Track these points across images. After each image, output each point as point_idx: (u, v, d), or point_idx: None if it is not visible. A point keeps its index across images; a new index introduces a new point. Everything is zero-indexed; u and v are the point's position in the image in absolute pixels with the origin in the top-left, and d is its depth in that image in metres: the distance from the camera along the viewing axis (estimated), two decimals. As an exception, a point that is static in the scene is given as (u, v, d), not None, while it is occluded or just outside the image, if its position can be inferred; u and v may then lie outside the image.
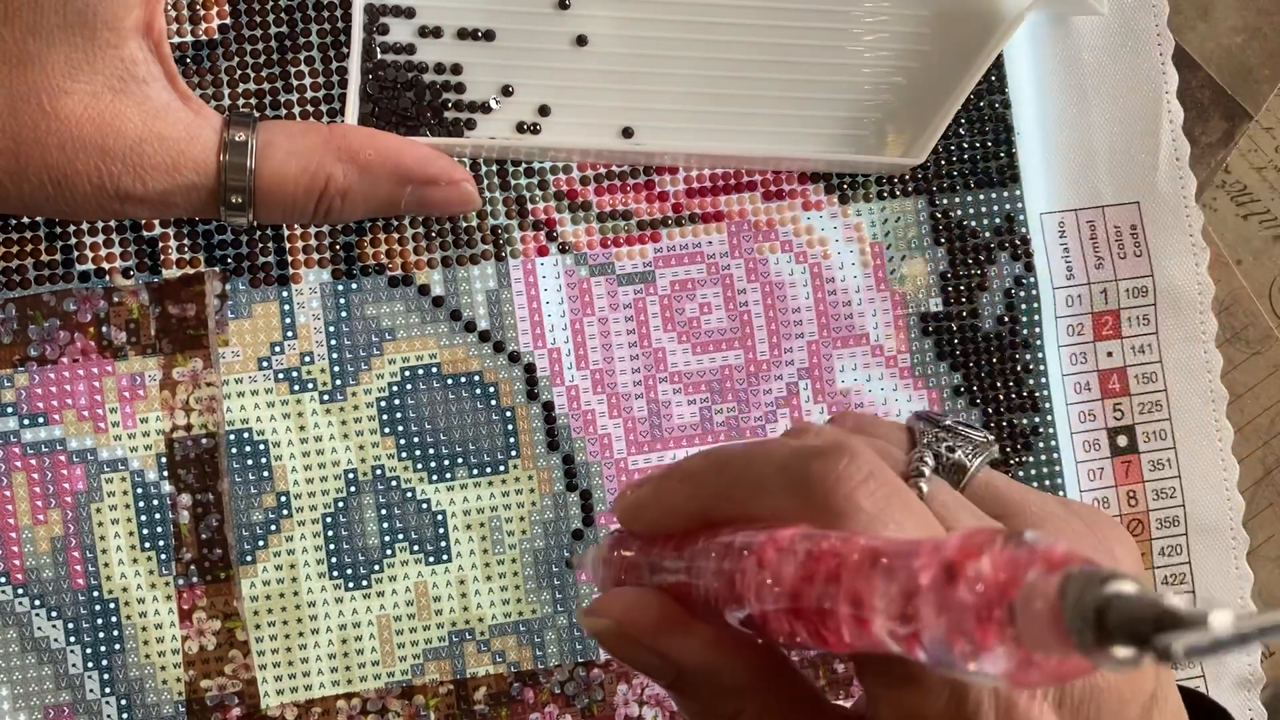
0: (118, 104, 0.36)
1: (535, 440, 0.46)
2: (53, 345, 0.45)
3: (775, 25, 0.45)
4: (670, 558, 0.30)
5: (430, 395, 0.46)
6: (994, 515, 0.31)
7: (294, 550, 0.45)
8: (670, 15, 0.44)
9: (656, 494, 0.30)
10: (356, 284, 0.46)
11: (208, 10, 0.45)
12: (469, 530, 0.46)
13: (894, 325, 0.48)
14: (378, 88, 0.43)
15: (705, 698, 0.29)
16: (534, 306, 0.46)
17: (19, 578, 0.44)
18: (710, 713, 0.29)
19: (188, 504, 0.45)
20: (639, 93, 0.44)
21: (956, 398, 0.48)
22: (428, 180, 0.40)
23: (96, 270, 0.45)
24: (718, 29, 0.44)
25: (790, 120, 0.45)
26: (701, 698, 0.29)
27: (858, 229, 0.48)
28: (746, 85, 0.45)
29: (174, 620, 0.45)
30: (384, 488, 0.46)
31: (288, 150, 0.38)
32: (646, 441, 0.47)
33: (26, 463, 0.45)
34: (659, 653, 0.29)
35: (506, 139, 0.43)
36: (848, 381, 0.47)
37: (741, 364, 0.47)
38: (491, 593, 0.46)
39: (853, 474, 0.26)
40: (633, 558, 0.31)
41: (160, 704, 0.45)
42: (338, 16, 0.46)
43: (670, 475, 0.30)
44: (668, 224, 0.47)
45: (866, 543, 0.24)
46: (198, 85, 0.45)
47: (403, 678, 0.46)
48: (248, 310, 0.45)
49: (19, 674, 0.44)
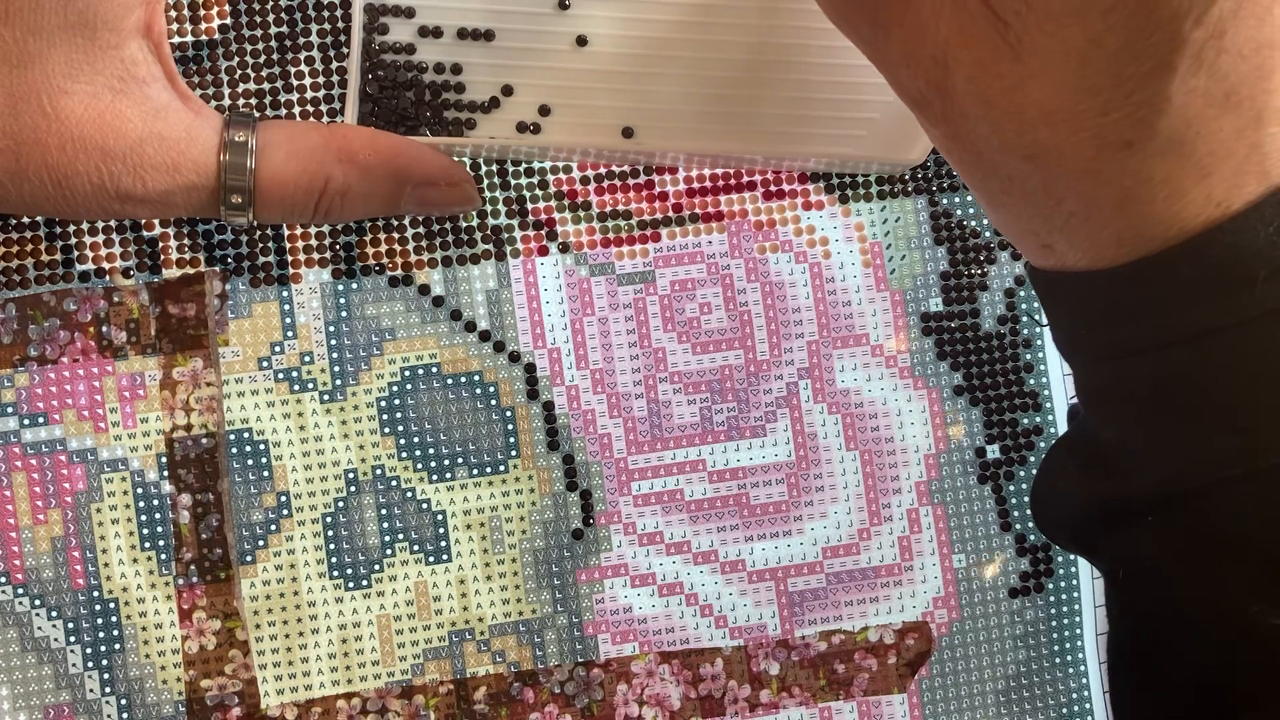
0: (118, 104, 0.36)
1: (535, 440, 0.46)
2: (53, 345, 0.45)
3: (775, 25, 0.45)
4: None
5: (430, 395, 0.46)
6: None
7: (294, 550, 0.45)
8: (670, 15, 0.44)
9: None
10: (356, 284, 0.46)
11: (208, 10, 0.45)
12: (469, 530, 0.46)
13: (894, 325, 0.48)
14: (378, 88, 0.43)
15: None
16: (534, 306, 0.46)
17: (19, 578, 0.44)
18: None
19: (188, 504, 0.45)
20: (639, 93, 0.44)
21: (957, 397, 0.48)
22: (427, 180, 0.40)
23: (96, 270, 0.45)
24: (718, 29, 0.44)
25: (790, 120, 0.45)
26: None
27: (858, 229, 0.48)
28: (746, 85, 0.45)
29: (174, 620, 0.45)
30: (384, 488, 0.46)
31: (288, 151, 0.38)
32: (646, 441, 0.47)
33: (27, 463, 0.45)
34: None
35: (506, 139, 0.43)
36: (847, 382, 0.47)
37: (741, 364, 0.47)
38: (491, 593, 0.46)
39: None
40: None
41: (160, 704, 0.45)
42: (338, 16, 0.46)
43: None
44: (668, 224, 0.47)
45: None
46: (198, 85, 0.45)
47: (403, 678, 0.46)
48: (248, 310, 0.45)
49: (19, 674, 0.44)
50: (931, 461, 0.47)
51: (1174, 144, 0.28)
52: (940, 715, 0.47)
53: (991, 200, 0.32)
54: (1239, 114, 0.28)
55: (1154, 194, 0.29)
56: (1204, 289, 0.29)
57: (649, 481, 0.47)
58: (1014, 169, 0.30)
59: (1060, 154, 0.29)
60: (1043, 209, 0.31)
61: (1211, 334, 0.29)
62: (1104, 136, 0.29)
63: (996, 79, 0.29)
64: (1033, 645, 0.48)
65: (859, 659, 0.47)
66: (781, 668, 0.47)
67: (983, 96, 0.30)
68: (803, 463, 0.47)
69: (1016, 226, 0.32)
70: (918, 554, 0.47)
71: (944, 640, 0.47)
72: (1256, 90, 0.28)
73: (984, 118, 0.30)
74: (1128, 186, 0.29)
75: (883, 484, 0.47)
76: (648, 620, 0.46)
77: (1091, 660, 0.48)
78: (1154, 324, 0.30)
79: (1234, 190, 0.29)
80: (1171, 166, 0.29)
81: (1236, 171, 0.29)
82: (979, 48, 0.30)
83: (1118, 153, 0.29)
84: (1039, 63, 0.29)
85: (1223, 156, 0.29)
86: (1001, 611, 0.48)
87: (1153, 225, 0.29)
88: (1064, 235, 0.31)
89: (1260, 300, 0.29)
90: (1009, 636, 0.48)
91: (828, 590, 0.47)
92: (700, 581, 0.47)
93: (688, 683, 0.47)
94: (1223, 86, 0.28)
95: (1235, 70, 0.28)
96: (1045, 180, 0.30)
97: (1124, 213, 0.30)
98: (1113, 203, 0.30)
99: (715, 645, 0.47)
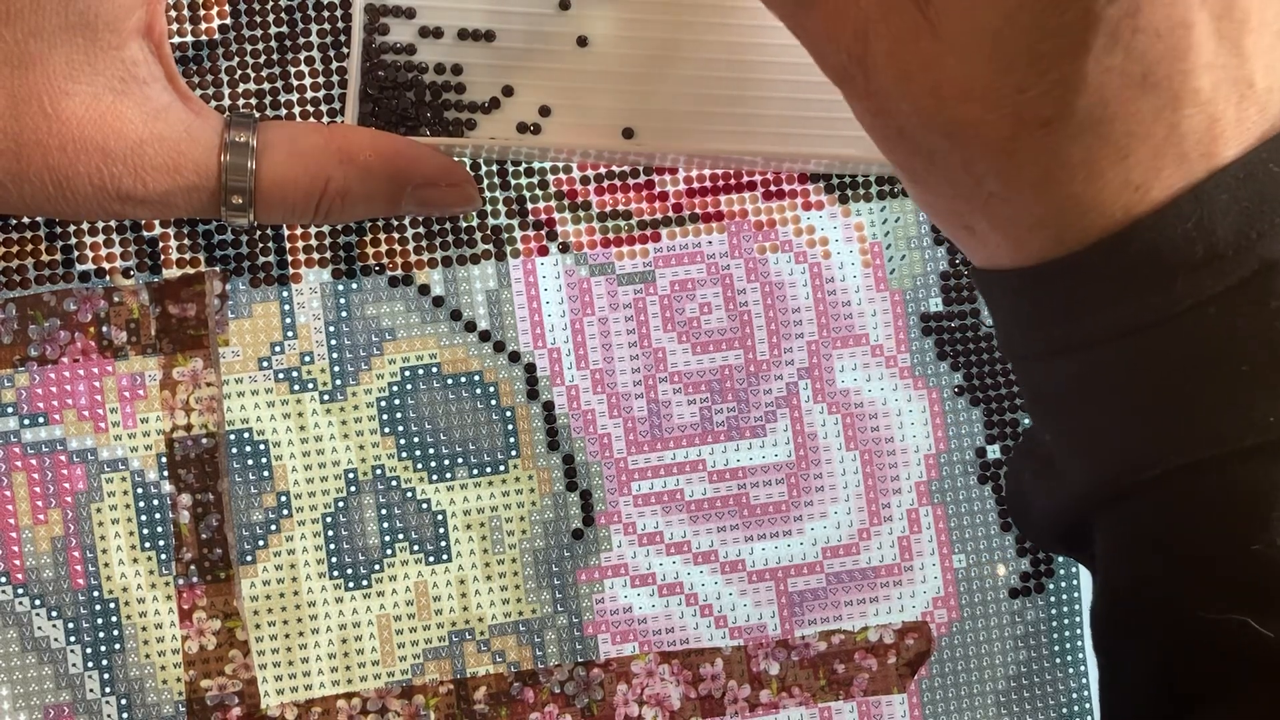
0: (119, 105, 0.36)
1: (535, 440, 0.46)
2: (53, 345, 0.45)
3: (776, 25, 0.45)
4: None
5: (430, 395, 0.46)
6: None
7: (294, 550, 0.45)
8: (670, 15, 0.44)
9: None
10: (356, 284, 0.46)
11: (208, 10, 0.45)
12: (469, 530, 0.46)
13: (894, 325, 0.48)
14: (378, 88, 0.43)
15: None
16: (534, 306, 0.46)
17: (19, 578, 0.44)
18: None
19: (188, 504, 0.45)
20: (639, 93, 0.44)
21: (957, 398, 0.48)
22: (428, 181, 0.40)
23: (97, 270, 0.45)
24: (718, 29, 0.44)
25: (790, 120, 0.45)
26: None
27: (858, 229, 0.48)
28: (746, 85, 0.45)
29: (174, 620, 0.45)
30: (384, 488, 0.46)
31: (288, 151, 0.38)
32: (646, 441, 0.47)
33: (27, 463, 0.45)
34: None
35: (507, 139, 0.43)
36: (847, 382, 0.47)
37: (741, 364, 0.47)
38: (491, 593, 0.46)
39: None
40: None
41: (160, 704, 0.45)
42: (338, 16, 0.46)
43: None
44: (668, 224, 0.47)
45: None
46: (198, 85, 0.45)
47: (403, 678, 0.46)
48: (248, 310, 0.45)
49: (19, 674, 0.44)
50: (931, 461, 0.47)
51: (1092, 123, 0.28)
52: (940, 715, 0.47)
53: (914, 178, 0.32)
54: (1157, 95, 0.28)
55: (1072, 174, 0.29)
56: (1124, 287, 0.29)
57: (649, 481, 0.47)
58: (934, 145, 0.30)
59: (978, 131, 0.29)
60: (963, 188, 0.31)
61: (1132, 333, 0.29)
62: (1021, 115, 0.29)
63: (916, 55, 0.30)
64: (1033, 645, 0.48)
65: (859, 659, 0.47)
66: (781, 668, 0.47)
67: (902, 72, 0.30)
68: (803, 463, 0.47)
69: (939, 206, 0.32)
70: (918, 554, 0.47)
71: (944, 640, 0.47)
72: (1174, 71, 0.28)
73: (904, 94, 0.30)
74: (1045, 166, 0.29)
75: (883, 484, 0.47)
76: (648, 620, 0.47)
77: (1091, 661, 0.48)
78: (1077, 323, 0.30)
79: (1152, 174, 0.29)
80: (1089, 147, 0.29)
81: (1154, 154, 0.29)
82: (899, 23, 0.30)
83: (1035, 131, 0.29)
84: (957, 39, 0.29)
85: (1141, 138, 0.28)
86: (1001, 612, 0.48)
87: (1072, 209, 0.29)
88: (984, 217, 0.31)
89: (1179, 298, 0.29)
90: (1009, 637, 0.48)
91: (828, 590, 0.47)
92: (700, 581, 0.47)
93: (688, 683, 0.47)
94: (1139, 66, 0.28)
95: (1151, 50, 0.28)
96: (964, 158, 0.30)
97: (1042, 194, 0.30)
98: (1031, 183, 0.29)
99: (715, 645, 0.47)
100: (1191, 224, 0.28)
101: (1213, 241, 0.28)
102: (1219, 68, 0.28)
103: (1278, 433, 0.28)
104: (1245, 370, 0.28)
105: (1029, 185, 0.30)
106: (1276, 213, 0.28)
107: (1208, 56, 0.28)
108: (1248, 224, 0.28)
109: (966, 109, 0.29)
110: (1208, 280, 0.28)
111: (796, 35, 0.33)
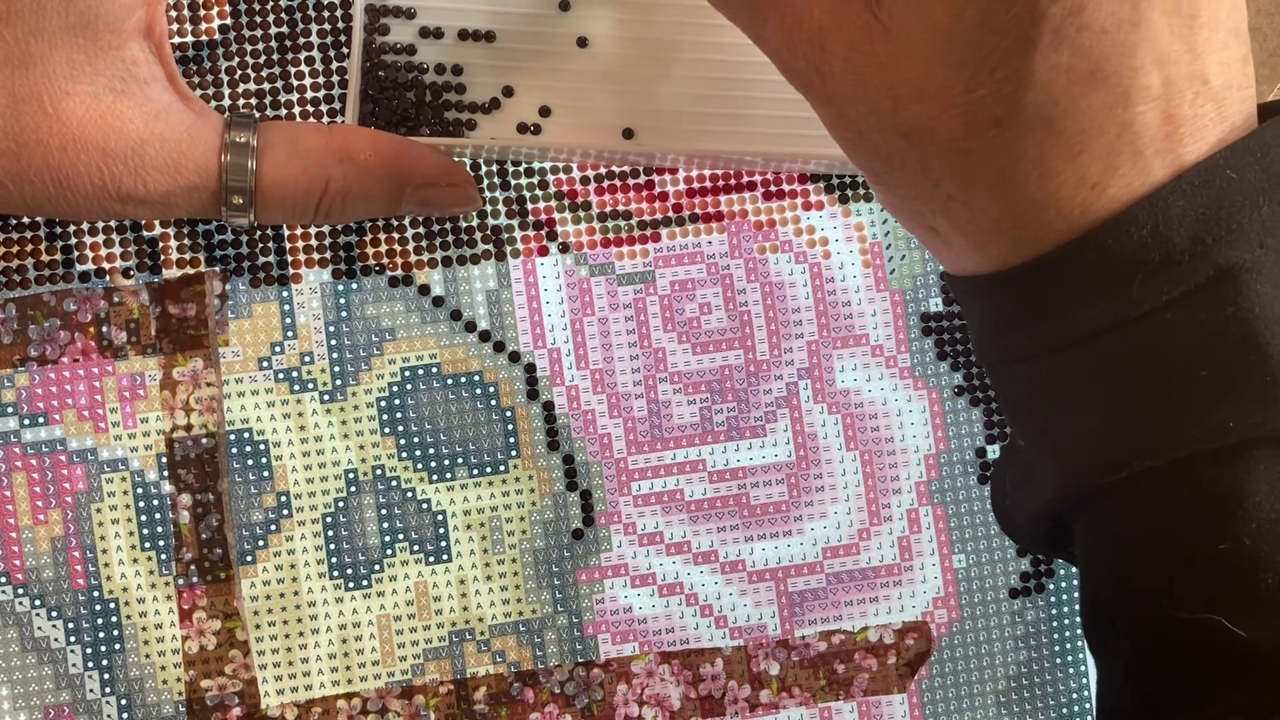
0: (119, 105, 0.36)
1: (535, 440, 0.46)
2: (53, 345, 0.45)
3: (775, 26, 0.45)
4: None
5: (430, 395, 0.46)
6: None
7: (294, 550, 0.45)
8: (670, 15, 0.44)
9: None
10: (356, 284, 0.46)
11: (208, 10, 0.45)
12: (469, 530, 0.46)
13: (894, 325, 0.48)
14: (378, 88, 0.43)
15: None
16: (534, 306, 0.46)
17: (19, 578, 0.44)
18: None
19: (188, 504, 0.45)
20: (639, 93, 0.44)
21: (957, 398, 0.48)
22: (428, 181, 0.40)
23: (97, 270, 0.45)
24: (718, 29, 0.44)
25: (790, 120, 0.45)
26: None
27: (858, 229, 0.48)
28: (746, 85, 0.45)
29: (174, 620, 0.45)
30: (384, 488, 0.46)
31: (289, 152, 0.38)
32: (646, 441, 0.47)
33: (27, 463, 0.45)
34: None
35: (507, 139, 0.43)
36: (847, 382, 0.47)
37: (741, 364, 0.47)
38: (491, 593, 0.46)
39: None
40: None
41: (160, 704, 0.45)
42: (338, 16, 0.46)
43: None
44: (668, 224, 0.47)
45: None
46: (198, 85, 0.45)
47: (403, 678, 0.46)
48: (248, 310, 0.45)
49: (19, 674, 0.44)
50: (931, 461, 0.47)
51: (1043, 121, 0.29)
52: (940, 715, 0.47)
53: (877, 180, 0.32)
54: (1106, 91, 0.28)
55: (1026, 173, 0.29)
56: (1083, 292, 0.30)
57: (649, 481, 0.47)
58: (893, 147, 0.31)
59: (933, 131, 0.30)
60: (923, 190, 0.31)
61: (1093, 338, 0.30)
62: (973, 114, 0.29)
63: (870, 57, 0.30)
64: (1033, 645, 0.48)
65: (859, 659, 0.47)
66: (781, 668, 0.47)
67: (858, 75, 0.30)
68: (803, 463, 0.47)
69: (903, 209, 0.33)
70: (918, 554, 0.47)
71: (944, 640, 0.47)
72: (1122, 67, 0.28)
73: (860, 96, 0.30)
74: (999, 165, 0.29)
75: (883, 484, 0.47)
76: (648, 620, 0.47)
77: (1091, 661, 0.48)
78: (1040, 328, 0.31)
79: (1108, 171, 0.29)
80: (1042, 144, 0.29)
81: (1108, 151, 0.29)
82: (852, 28, 0.30)
83: (987, 130, 0.29)
84: (908, 39, 0.29)
85: (1093, 135, 0.29)
86: (1001, 612, 0.48)
87: (1028, 209, 0.30)
88: (945, 218, 0.31)
89: (1138, 303, 0.29)
90: (1009, 637, 0.48)
91: (828, 590, 0.47)
92: (700, 581, 0.47)
93: (688, 683, 0.47)
94: (1086, 63, 0.28)
95: (1098, 46, 0.28)
96: (921, 158, 0.30)
97: (998, 194, 0.30)
98: (986, 183, 0.30)
99: (715, 645, 0.47)
100: (1148, 230, 0.29)
101: (1169, 248, 0.29)
102: (1169, 64, 0.29)
103: (1238, 435, 0.29)
104: (1205, 374, 0.29)
105: (984, 185, 0.30)
106: (1233, 219, 0.29)
107: (1157, 53, 0.28)
108: (1204, 230, 0.29)
109: (921, 109, 0.29)
110: (1165, 285, 0.29)
111: (758, 45, 0.33)
